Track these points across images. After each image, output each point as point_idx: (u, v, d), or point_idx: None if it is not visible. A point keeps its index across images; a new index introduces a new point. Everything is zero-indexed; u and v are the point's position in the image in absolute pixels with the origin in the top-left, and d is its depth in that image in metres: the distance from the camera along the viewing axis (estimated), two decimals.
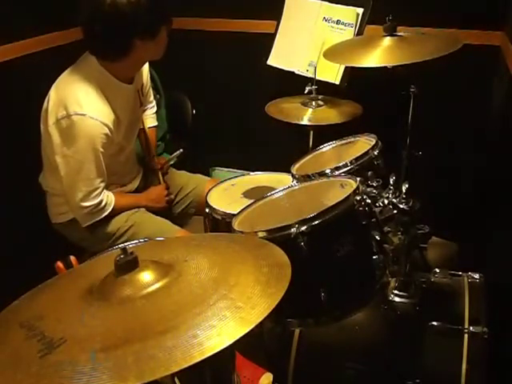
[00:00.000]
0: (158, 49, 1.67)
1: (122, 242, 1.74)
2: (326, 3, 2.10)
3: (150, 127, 2.09)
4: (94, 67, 1.64)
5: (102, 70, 1.64)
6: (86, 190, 1.64)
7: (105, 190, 1.71)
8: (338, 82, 2.07)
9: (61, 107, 1.58)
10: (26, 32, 2.15)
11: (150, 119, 2.09)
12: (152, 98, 2.07)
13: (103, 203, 1.70)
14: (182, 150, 2.16)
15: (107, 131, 1.62)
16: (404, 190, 1.40)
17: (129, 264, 0.80)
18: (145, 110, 2.02)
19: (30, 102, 1.73)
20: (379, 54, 1.53)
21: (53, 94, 1.63)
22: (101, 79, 1.64)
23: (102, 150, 1.62)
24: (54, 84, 1.65)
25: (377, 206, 1.35)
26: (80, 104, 1.57)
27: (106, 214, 1.73)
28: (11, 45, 2.09)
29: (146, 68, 1.88)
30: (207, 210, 1.67)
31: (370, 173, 1.41)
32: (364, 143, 1.59)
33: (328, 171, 1.45)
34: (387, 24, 1.58)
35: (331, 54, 1.70)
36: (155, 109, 2.11)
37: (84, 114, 1.56)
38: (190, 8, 2.58)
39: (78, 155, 1.60)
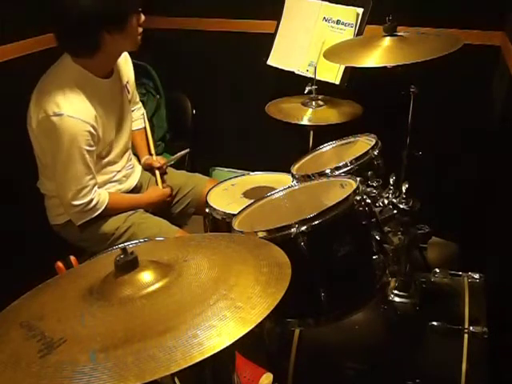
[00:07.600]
0: (130, 40, 1.64)
1: (121, 243, 1.73)
2: (326, 3, 2.10)
3: (137, 129, 2.06)
4: (70, 66, 1.63)
5: (78, 67, 1.64)
6: (75, 189, 1.64)
7: (96, 189, 1.70)
8: (338, 82, 2.07)
9: (40, 109, 1.58)
10: (26, 32, 2.15)
11: (138, 121, 2.07)
12: (138, 99, 2.05)
13: (94, 202, 1.69)
14: (188, 150, 2.12)
15: (89, 128, 1.61)
16: (404, 190, 1.40)
17: (129, 264, 0.80)
18: (132, 111, 2.00)
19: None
20: (379, 54, 1.52)
21: (33, 97, 1.63)
22: (78, 77, 1.63)
23: (86, 147, 1.61)
24: (36, 87, 1.65)
25: (377, 206, 1.35)
26: (57, 104, 1.56)
27: (99, 212, 1.72)
28: (11, 45, 2.08)
29: (129, 63, 1.87)
30: (207, 210, 1.67)
31: (369, 173, 1.41)
32: (364, 143, 1.59)
33: (328, 171, 1.45)
34: (387, 24, 1.58)
35: (331, 54, 1.70)
36: (142, 110, 2.09)
37: (62, 114, 1.55)
38: (190, 8, 2.58)
39: (62, 155, 1.60)
